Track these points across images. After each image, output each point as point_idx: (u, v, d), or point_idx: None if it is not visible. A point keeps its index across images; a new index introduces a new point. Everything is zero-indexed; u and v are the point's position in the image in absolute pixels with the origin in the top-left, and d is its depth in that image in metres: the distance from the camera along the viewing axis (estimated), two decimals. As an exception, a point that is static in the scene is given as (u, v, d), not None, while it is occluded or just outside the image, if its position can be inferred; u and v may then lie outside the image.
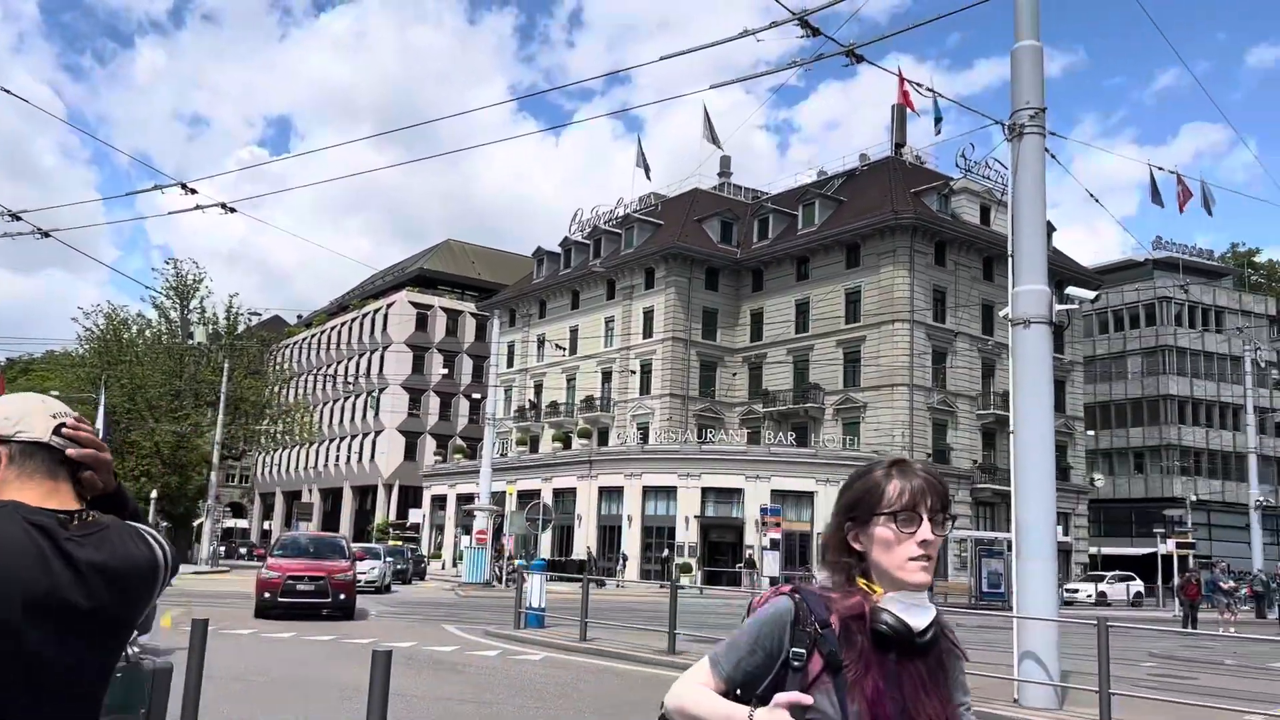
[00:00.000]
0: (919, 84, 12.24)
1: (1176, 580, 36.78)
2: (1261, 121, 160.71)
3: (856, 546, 1.89)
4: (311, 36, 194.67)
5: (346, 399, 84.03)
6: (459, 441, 73.78)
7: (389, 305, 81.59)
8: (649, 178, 41.70)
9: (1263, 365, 61.67)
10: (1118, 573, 48.10)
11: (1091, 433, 62.95)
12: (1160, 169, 16.46)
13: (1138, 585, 47.44)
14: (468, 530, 44.90)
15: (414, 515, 65.59)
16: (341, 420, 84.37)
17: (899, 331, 50.46)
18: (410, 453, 77.79)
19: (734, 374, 58.45)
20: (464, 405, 79.08)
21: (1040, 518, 11.00)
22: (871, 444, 49.94)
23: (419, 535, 63.96)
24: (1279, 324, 79.25)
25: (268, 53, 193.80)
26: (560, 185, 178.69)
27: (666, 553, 46.80)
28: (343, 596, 19.97)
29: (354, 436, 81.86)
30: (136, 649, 5.88)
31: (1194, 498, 59.11)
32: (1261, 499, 45.71)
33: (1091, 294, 16.24)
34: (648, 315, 58.42)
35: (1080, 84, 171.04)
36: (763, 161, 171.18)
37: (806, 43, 9.76)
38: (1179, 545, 45.44)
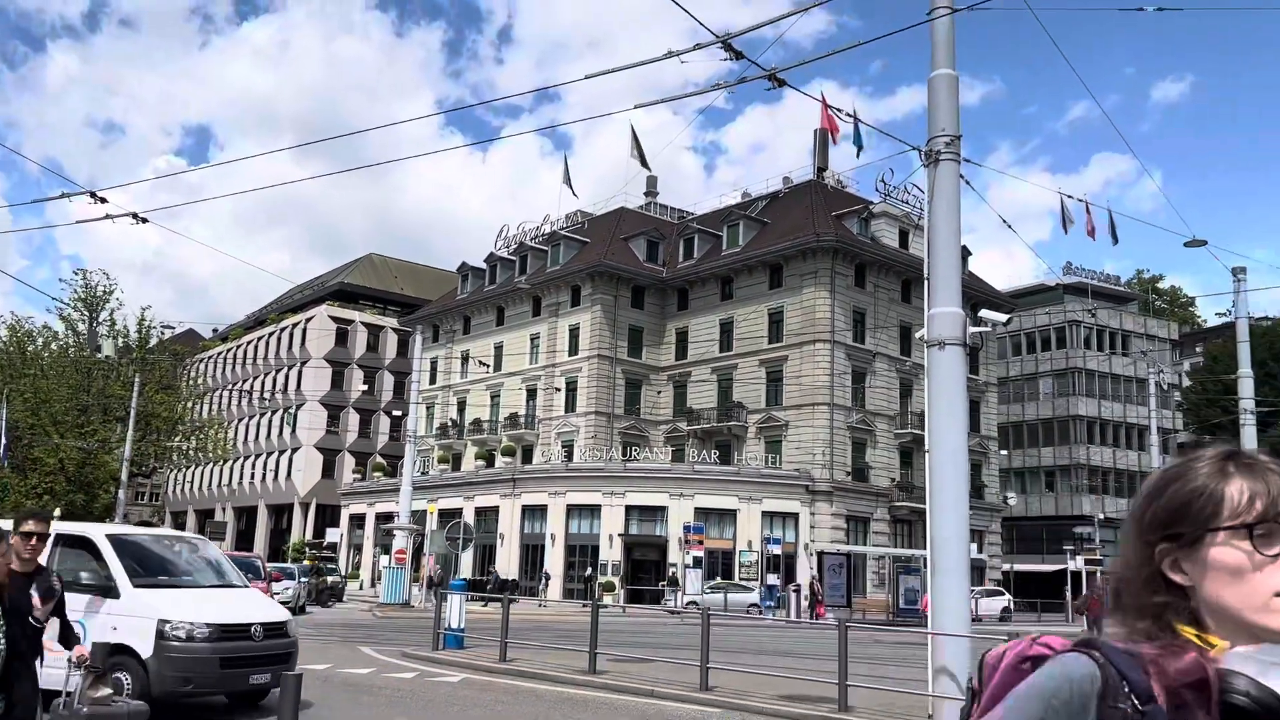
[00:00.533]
0: (840, 109, 12.46)
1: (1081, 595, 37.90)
2: (1167, 153, 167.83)
3: (1178, 579, 1.29)
4: (233, 45, 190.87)
5: (263, 415, 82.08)
6: (379, 459, 72.54)
7: (308, 320, 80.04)
8: (575, 195, 41.78)
9: (1165, 387, 64.11)
10: (986, 588, 48.95)
11: (1005, 452, 64.64)
12: (1070, 197, 17.06)
13: (1005, 600, 48.32)
14: (386, 550, 44.13)
15: (331, 534, 64.24)
16: (257, 437, 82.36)
17: (820, 351, 51.24)
18: (328, 470, 76.27)
19: (659, 392, 58.67)
20: (385, 422, 77.86)
21: (954, 534, 11.22)
22: (793, 462, 50.54)
23: (336, 555, 62.67)
24: (1181, 347, 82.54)
25: (187, 60, 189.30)
26: (487, 201, 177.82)
27: (590, 571, 46.61)
28: None
29: (270, 454, 79.95)
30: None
31: (1101, 515, 61.04)
32: (1164, 516, 47.27)
33: (1004, 317, 16.66)
34: (573, 333, 58.34)
35: (997, 112, 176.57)
36: (690, 182, 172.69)
37: (732, 66, 9.90)
38: (1087, 562, 46.89)
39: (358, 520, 62.82)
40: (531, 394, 60.58)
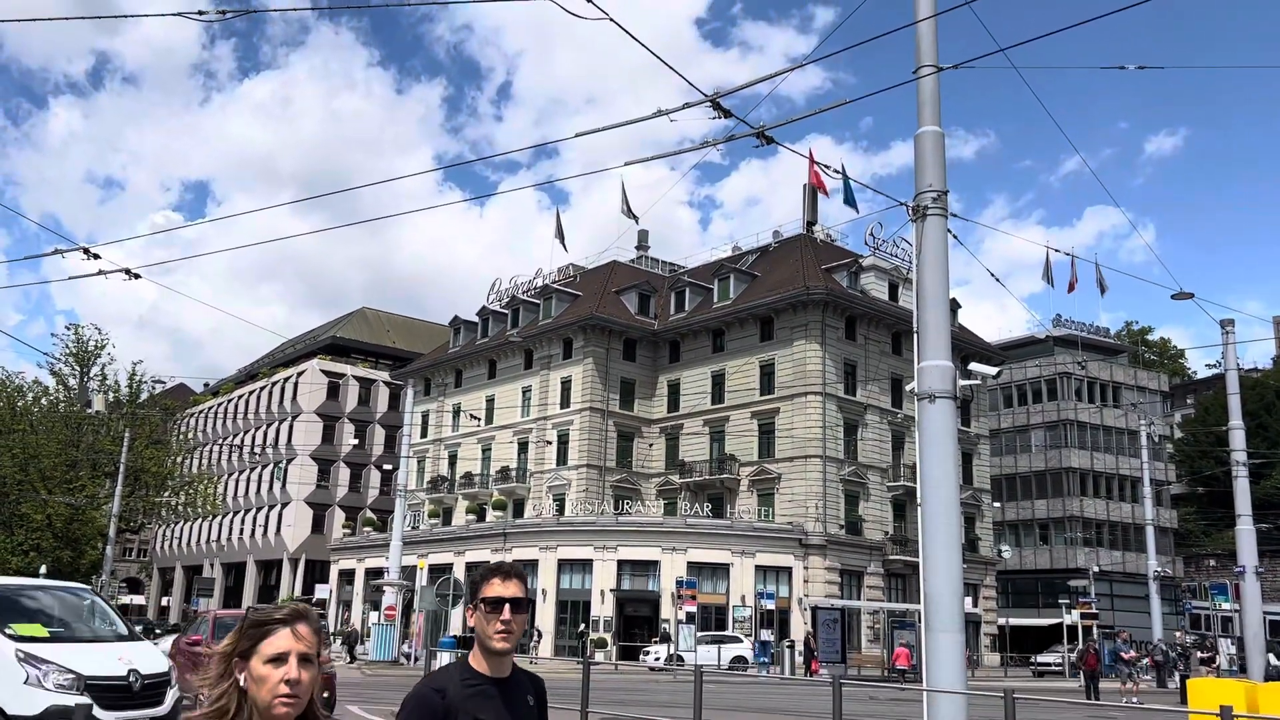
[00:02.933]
0: (827, 166, 12.62)
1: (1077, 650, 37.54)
2: (1159, 207, 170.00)
3: None
4: (234, 101, 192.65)
5: (253, 470, 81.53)
6: (369, 514, 72.03)
7: (300, 374, 79.91)
8: (565, 249, 42.15)
9: (1157, 439, 64.18)
10: (716, 633, 46.86)
11: (998, 504, 64.46)
12: (1056, 251, 17.24)
13: (742, 648, 46.66)
14: (376, 606, 43.56)
15: (320, 590, 63.46)
16: (247, 492, 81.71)
17: (812, 404, 51.26)
18: (318, 525, 75.61)
19: (650, 445, 58.51)
20: (375, 476, 77.39)
21: (947, 589, 11.14)
22: (786, 515, 50.28)
23: (325, 611, 61.85)
24: (1171, 399, 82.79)
25: (188, 116, 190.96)
26: (483, 255, 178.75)
27: (583, 627, 46.06)
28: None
29: (259, 509, 79.29)
30: None
31: (1096, 568, 60.69)
32: (1159, 570, 47.15)
33: (994, 370, 16.77)
34: (565, 385, 58.33)
35: (992, 166, 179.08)
36: (686, 235, 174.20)
37: (725, 123, 10.06)
38: (1083, 615, 46.49)
39: (347, 576, 62.14)
40: (523, 447, 60.36)
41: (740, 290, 56.90)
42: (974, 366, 15.25)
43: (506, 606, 2.93)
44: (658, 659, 40.29)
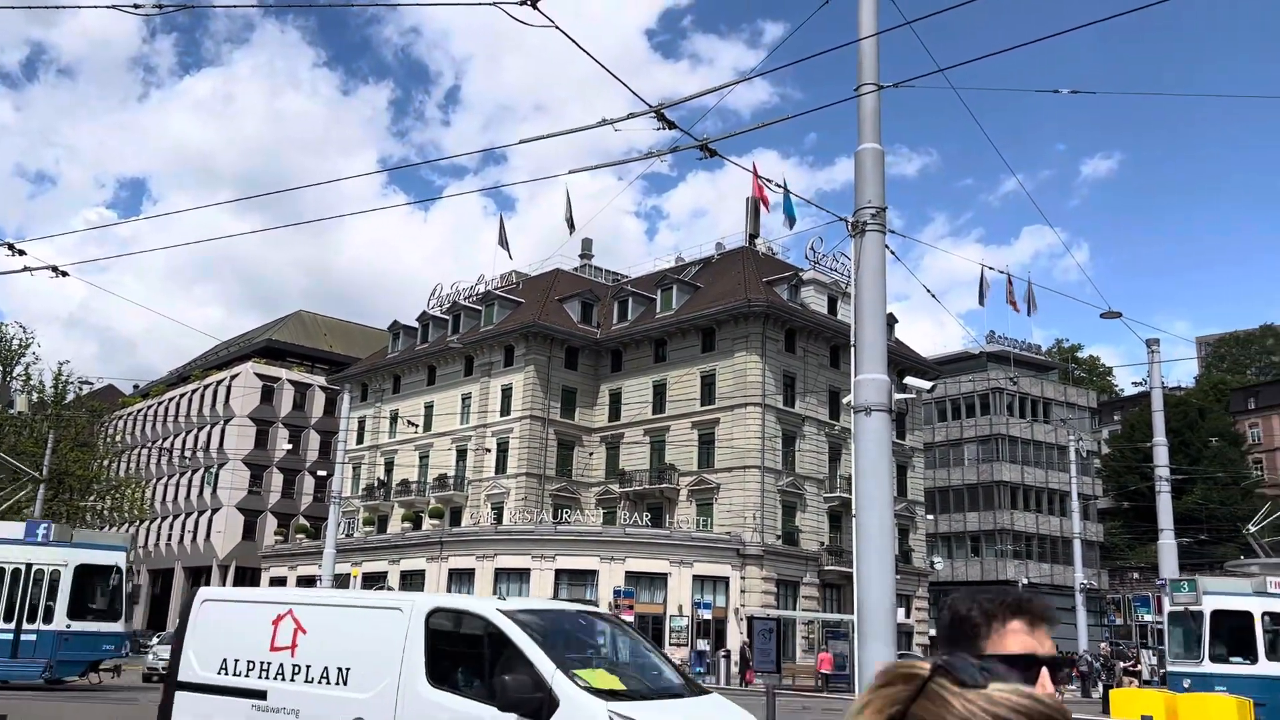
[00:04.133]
0: (770, 180, 12.75)
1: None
2: (1093, 228, 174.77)
3: None
4: (174, 98, 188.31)
5: (183, 474, 79.72)
6: (302, 521, 70.85)
7: (233, 377, 78.35)
8: (510, 255, 41.88)
9: (1085, 454, 65.83)
10: None
11: (931, 517, 65.50)
12: (990, 269, 17.62)
13: None
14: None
15: (251, 598, 62.19)
16: (176, 497, 79.83)
17: (751, 415, 51.64)
18: (249, 532, 74.11)
19: (591, 454, 58.42)
20: (309, 483, 76.11)
21: (881, 600, 11.29)
22: (724, 525, 50.54)
23: (255, 620, 60.64)
24: (1099, 415, 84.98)
25: (126, 112, 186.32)
26: (427, 261, 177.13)
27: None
28: None
29: (189, 514, 77.51)
30: None
31: (1025, 580, 61.99)
32: (1085, 582, 48.30)
33: (928, 385, 17.07)
34: (506, 393, 57.99)
35: (933, 184, 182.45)
36: (633, 245, 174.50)
37: (671, 134, 10.12)
38: (1012, 626, 47.31)
39: (279, 583, 60.92)
40: (461, 455, 59.85)
41: (683, 301, 57.17)
42: (909, 381, 15.52)
43: (1043, 673, 1.84)
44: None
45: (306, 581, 52.17)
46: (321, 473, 65.19)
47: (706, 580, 47.81)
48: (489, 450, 57.74)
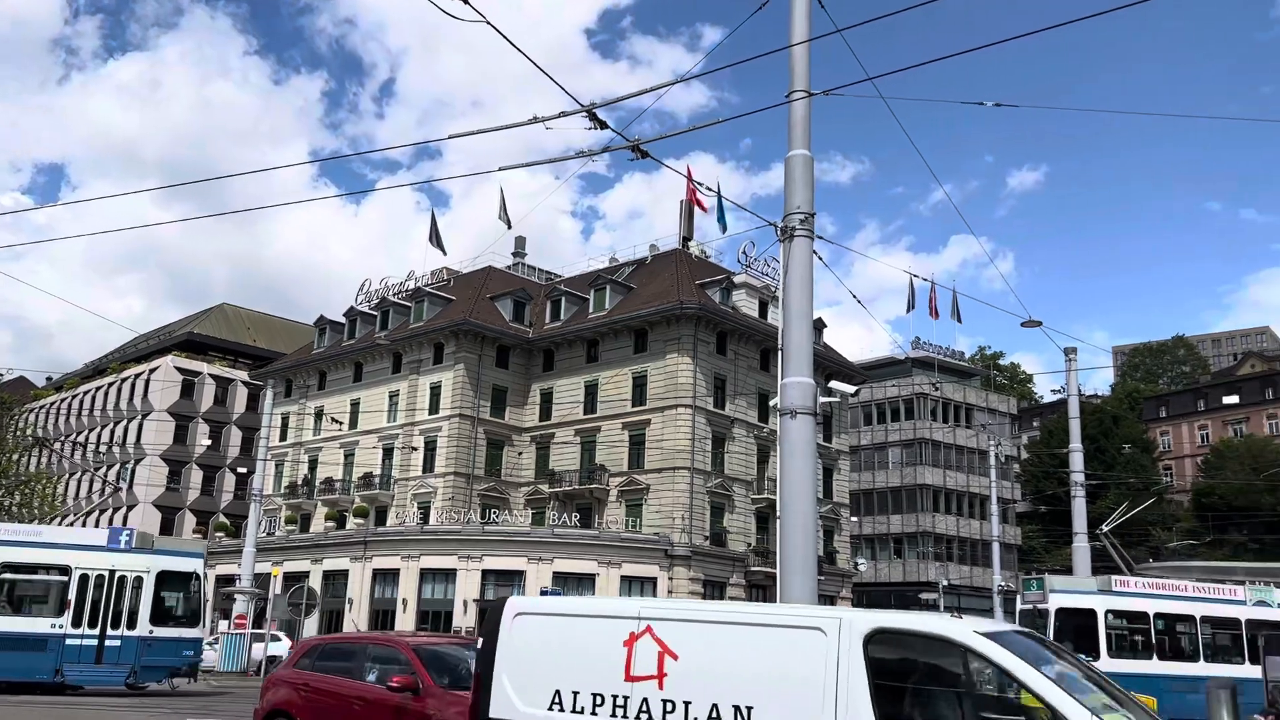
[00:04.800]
0: (700, 183, 12.80)
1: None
2: (1019, 238, 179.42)
3: None
4: (97, 81, 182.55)
5: (97, 469, 77.31)
6: (222, 519, 69.25)
7: (152, 370, 76.25)
8: (444, 251, 41.46)
9: (1004, 459, 67.46)
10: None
11: (856, 519, 66.52)
12: (917, 277, 17.92)
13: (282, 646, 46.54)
14: (226, 614, 41.88)
15: (167, 598, 60.53)
16: (90, 493, 77.36)
17: (682, 416, 51.88)
18: (167, 529, 72.11)
19: (520, 453, 58.09)
20: (230, 480, 74.45)
21: (803, 600, 11.41)
22: (653, 525, 50.69)
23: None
24: (1019, 421, 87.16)
25: (44, 95, 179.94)
26: (357, 256, 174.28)
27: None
28: None
29: (103, 510, 75.15)
30: None
31: (946, 582, 63.32)
32: (1003, 584, 49.49)
33: (852, 389, 17.30)
34: (434, 391, 57.37)
35: (866, 192, 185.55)
36: (569, 245, 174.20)
37: (605, 134, 10.11)
38: (932, 627, 48.33)
39: (196, 583, 59.44)
40: (388, 453, 59.04)
41: (616, 302, 57.19)
42: (833, 384, 15.71)
43: None
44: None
45: (226, 580, 50.95)
46: (242, 470, 63.80)
47: (634, 581, 47.89)
48: (415, 449, 57.06)
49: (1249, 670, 24.65)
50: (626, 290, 57.98)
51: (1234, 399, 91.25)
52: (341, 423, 60.03)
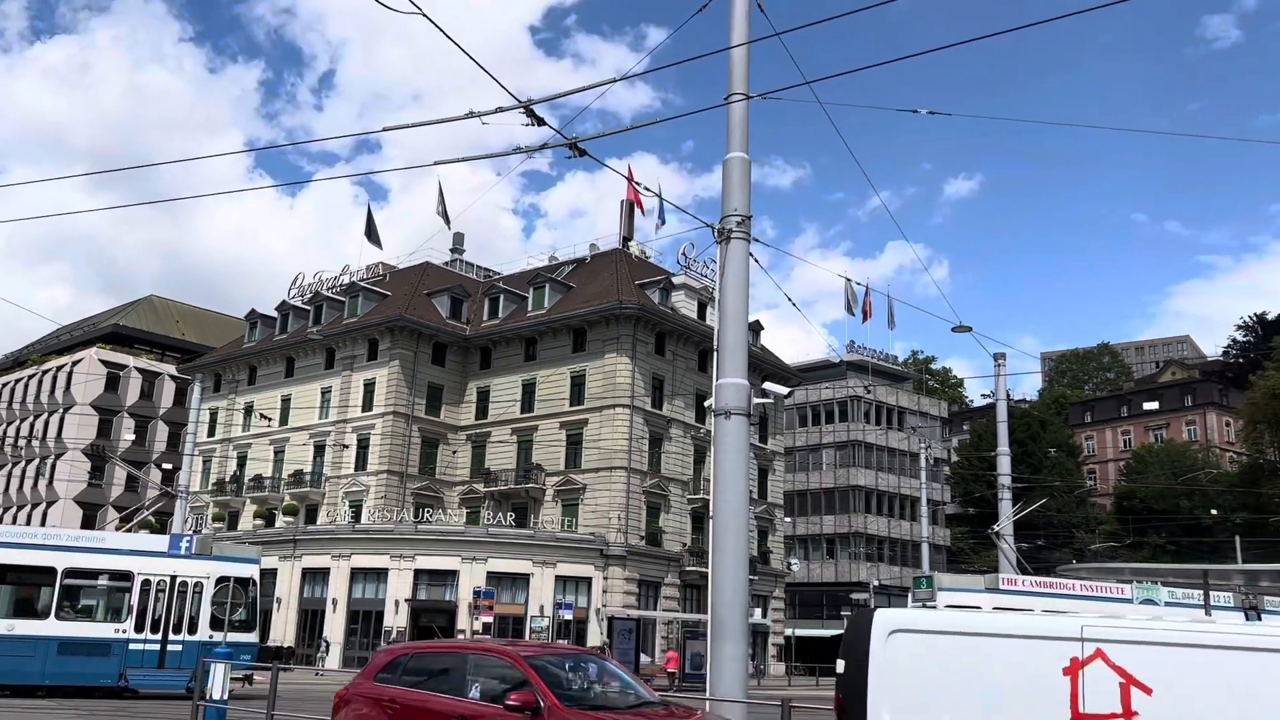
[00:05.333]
0: (639, 184, 12.80)
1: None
2: (954, 245, 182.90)
3: None
4: (22, 64, 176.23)
5: (15, 464, 74.82)
6: (147, 516, 67.44)
7: (75, 363, 74.06)
8: (380, 246, 40.89)
9: (934, 462, 68.65)
10: None
11: (790, 519, 67.15)
12: (850, 281, 18.13)
13: None
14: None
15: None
16: (7, 489, 74.84)
17: (620, 416, 51.87)
18: (88, 526, 70.02)
19: (455, 452, 57.56)
20: (156, 476, 72.58)
21: (734, 600, 11.47)
22: (589, 525, 50.59)
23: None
24: (950, 425, 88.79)
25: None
26: (292, 249, 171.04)
27: (373, 639, 44.68)
28: None
29: (21, 507, 72.79)
30: None
31: (877, 582, 64.14)
32: (932, 584, 50.33)
33: (785, 390, 17.46)
34: (368, 388, 56.57)
35: (807, 196, 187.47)
36: (510, 243, 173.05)
37: (545, 131, 10.01)
38: (862, 626, 49.04)
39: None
40: (319, 450, 58.07)
41: (555, 300, 56.98)
42: (767, 386, 15.83)
43: None
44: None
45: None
46: (168, 466, 62.29)
47: (569, 581, 47.76)
48: (348, 446, 56.21)
49: None
50: (566, 289, 57.80)
51: (1155, 405, 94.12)
52: (271, 419, 58.91)
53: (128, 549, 24.07)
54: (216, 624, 24.03)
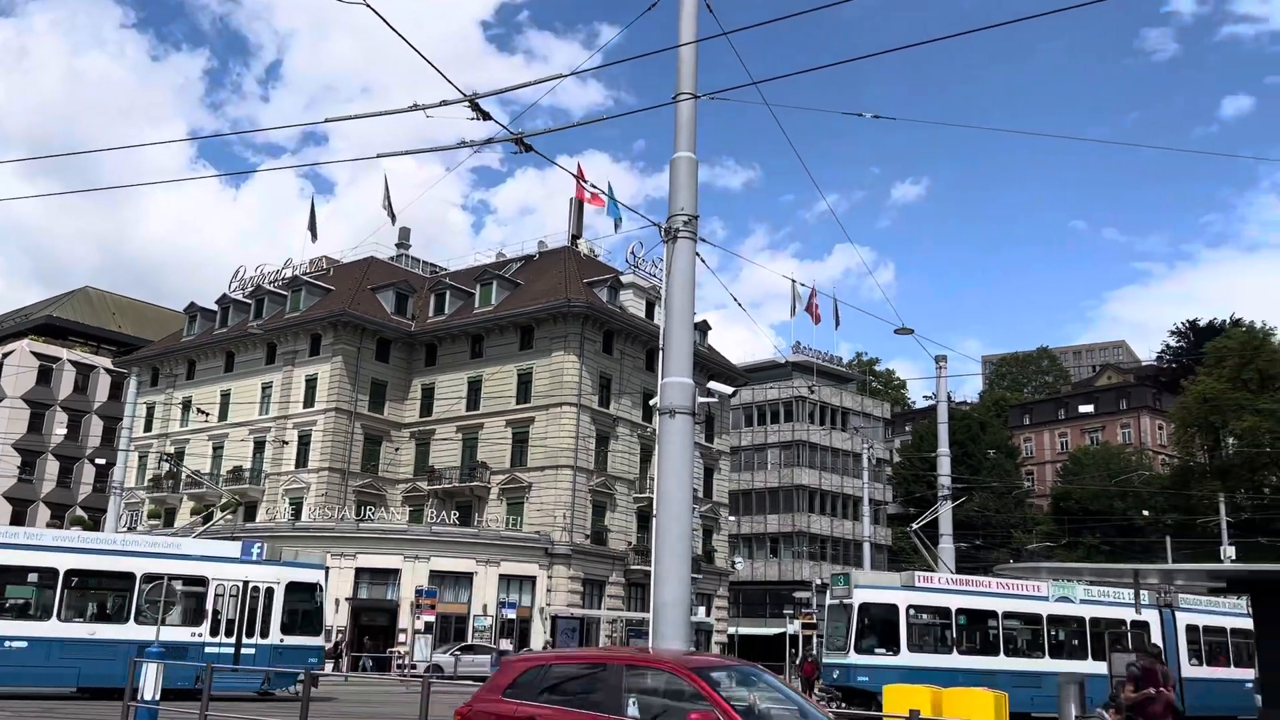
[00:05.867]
0: (588, 181, 12.76)
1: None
2: (900, 248, 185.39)
3: None
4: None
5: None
6: (79, 512, 65.92)
7: (6, 355, 71.97)
8: (314, 239, 40.22)
9: (876, 462, 69.51)
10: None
11: (734, 518, 67.54)
12: (801, 284, 18.28)
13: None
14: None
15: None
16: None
17: (566, 414, 51.74)
18: (18, 522, 67.90)
19: (398, 449, 56.95)
20: (89, 472, 70.85)
21: (676, 598, 11.48)
22: (534, 524, 50.40)
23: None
24: (892, 426, 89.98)
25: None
26: (235, 242, 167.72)
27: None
28: None
29: (-55, 503, 70.53)
30: None
31: (819, 581, 64.75)
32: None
33: (730, 390, 17.61)
34: (310, 383, 55.73)
35: (757, 198, 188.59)
36: (459, 238, 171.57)
37: (492, 125, 9.92)
38: (804, 625, 49.52)
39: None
40: (260, 446, 57.08)
41: (502, 297, 56.65)
42: (711, 385, 15.92)
43: None
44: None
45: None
46: (101, 461, 60.86)
47: (514, 579, 47.54)
48: (288, 443, 55.33)
49: (1048, 664, 25.89)
50: (513, 286, 57.50)
51: (1090, 408, 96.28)
52: (209, 414, 57.78)
53: (202, 554, 24.73)
54: (286, 628, 24.72)
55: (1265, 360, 64.33)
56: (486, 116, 9.34)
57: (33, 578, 22.67)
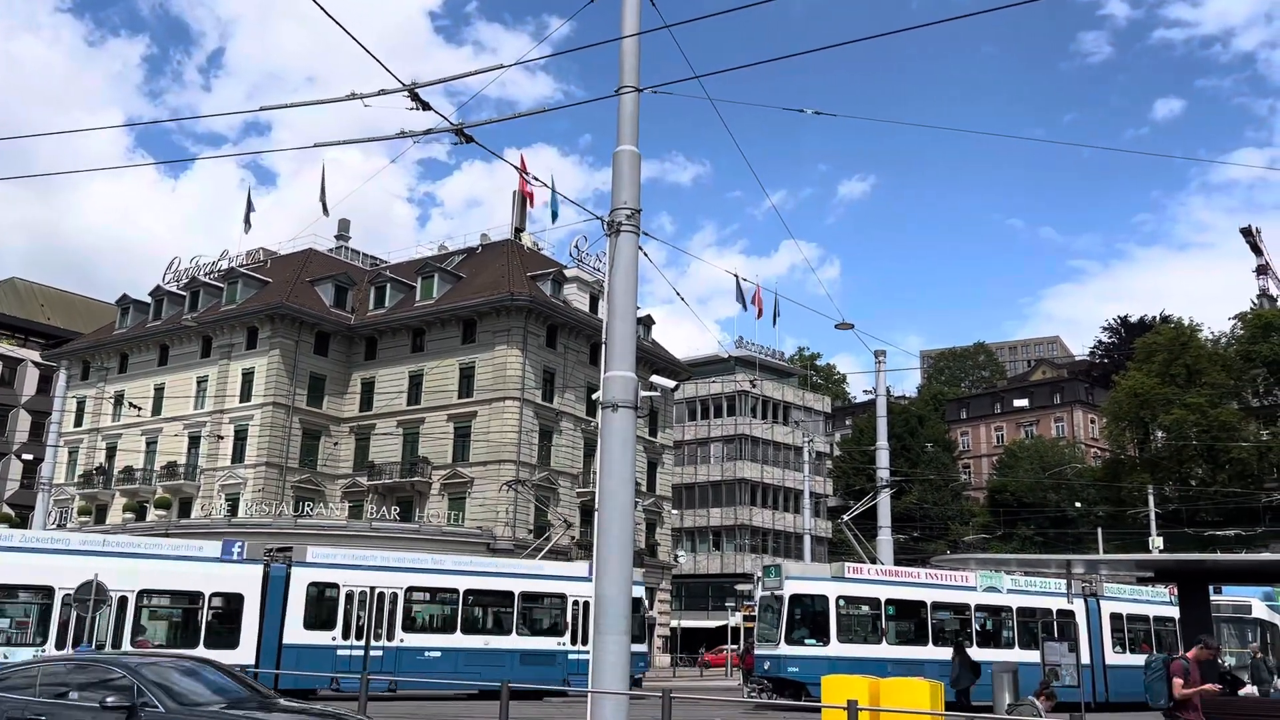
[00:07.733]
0: (531, 174, 12.68)
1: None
2: (846, 245, 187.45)
3: None
4: None
5: None
6: (6, 509, 64.02)
7: (-74, 347, 69.52)
8: (247, 228, 39.51)
9: (817, 455, 70.22)
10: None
11: (677, 512, 67.81)
12: (745, 280, 18.34)
13: None
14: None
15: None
16: None
17: (509, 409, 51.46)
18: (-62, 522, 65.98)
19: (337, 444, 56.16)
20: (16, 467, 68.69)
21: (617, 592, 11.48)
22: (476, 519, 50.07)
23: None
24: (833, 420, 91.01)
25: None
26: (173, 233, 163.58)
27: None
28: None
29: None
30: None
31: (760, 574, 65.31)
32: (814, 574, 51.51)
33: (672, 384, 17.61)
34: (247, 377, 54.69)
35: (706, 194, 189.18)
36: (404, 231, 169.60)
37: (435, 116, 9.79)
38: (746, 618, 49.92)
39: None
40: (195, 442, 55.88)
41: (444, 291, 56.11)
42: (653, 379, 15.93)
43: None
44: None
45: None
46: (29, 456, 59.08)
47: (455, 575, 47.10)
48: (224, 438, 54.25)
49: (976, 654, 26.50)
50: (456, 279, 56.99)
51: (1025, 403, 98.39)
52: (141, 408, 56.38)
53: (558, 574, 29.86)
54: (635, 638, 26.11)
55: (1192, 356, 66.24)
56: (426, 107, 9.22)
57: (439, 596, 28.02)
